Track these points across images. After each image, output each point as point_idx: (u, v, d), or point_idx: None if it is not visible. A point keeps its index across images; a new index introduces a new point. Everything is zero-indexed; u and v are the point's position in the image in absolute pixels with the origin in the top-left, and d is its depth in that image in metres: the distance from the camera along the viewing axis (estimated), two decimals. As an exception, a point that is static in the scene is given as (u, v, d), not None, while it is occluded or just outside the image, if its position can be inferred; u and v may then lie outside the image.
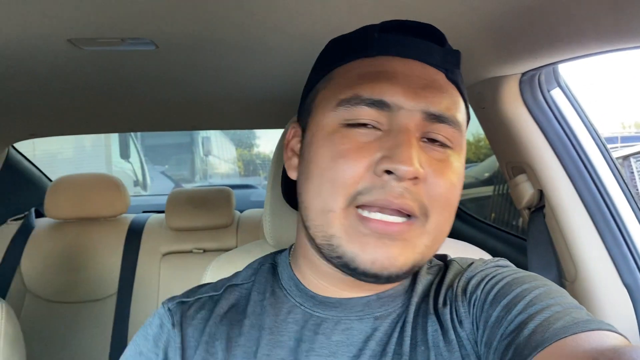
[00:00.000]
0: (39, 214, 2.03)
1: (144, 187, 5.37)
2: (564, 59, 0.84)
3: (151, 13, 0.77)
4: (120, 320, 1.78)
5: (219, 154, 7.13)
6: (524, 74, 0.95)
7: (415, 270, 0.52)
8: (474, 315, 0.52)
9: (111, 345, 1.76)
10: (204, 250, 1.92)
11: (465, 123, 0.56)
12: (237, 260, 0.84)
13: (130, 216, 2.03)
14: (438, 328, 0.53)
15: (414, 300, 0.55)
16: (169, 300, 0.61)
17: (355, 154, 0.49)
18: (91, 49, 0.92)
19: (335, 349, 0.53)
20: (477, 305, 0.52)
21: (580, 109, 1.01)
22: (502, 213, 1.89)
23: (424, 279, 0.58)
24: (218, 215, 1.95)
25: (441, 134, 0.52)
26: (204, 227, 1.95)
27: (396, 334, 0.53)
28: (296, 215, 0.60)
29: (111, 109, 1.54)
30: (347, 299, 0.55)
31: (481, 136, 2.41)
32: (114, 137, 4.96)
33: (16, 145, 2.07)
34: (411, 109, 0.50)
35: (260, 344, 0.54)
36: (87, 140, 5.12)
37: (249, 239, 1.87)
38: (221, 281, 0.64)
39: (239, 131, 7.12)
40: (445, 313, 0.53)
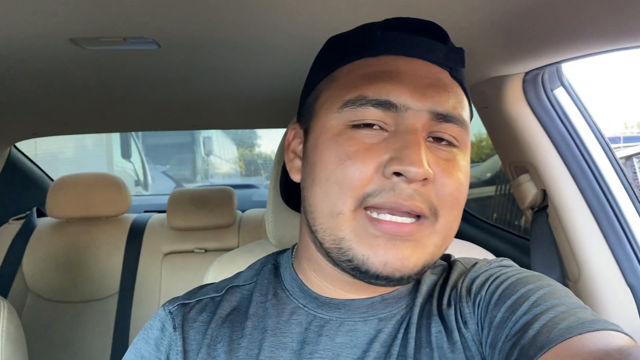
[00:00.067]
0: (41, 214, 2.04)
1: (146, 187, 5.38)
2: (567, 58, 0.84)
3: (153, 13, 0.77)
4: (122, 320, 1.78)
5: (220, 154, 7.13)
6: (527, 74, 0.95)
7: (426, 270, 0.51)
8: (478, 315, 0.51)
9: (112, 345, 1.76)
10: (206, 250, 1.92)
11: (469, 121, 0.55)
12: (239, 260, 0.84)
13: (132, 216, 2.03)
14: (442, 329, 0.52)
15: (418, 301, 0.55)
16: (170, 303, 0.61)
17: (363, 155, 0.49)
18: (93, 48, 0.92)
19: (339, 350, 0.52)
20: (482, 305, 0.51)
21: (584, 108, 1.01)
22: (504, 213, 1.88)
23: (428, 279, 0.58)
24: (220, 215, 1.95)
25: (448, 133, 0.51)
26: (206, 227, 1.94)
27: (400, 336, 0.52)
28: (298, 215, 0.60)
29: (113, 108, 1.54)
30: (351, 300, 0.55)
31: (483, 136, 2.40)
32: (116, 137, 4.96)
33: (18, 144, 2.07)
34: (418, 109, 0.50)
35: (263, 346, 0.53)
36: (89, 140, 5.12)
37: (250, 239, 1.87)
38: (223, 282, 0.63)
39: (240, 131, 7.12)
40: (450, 314, 0.53)
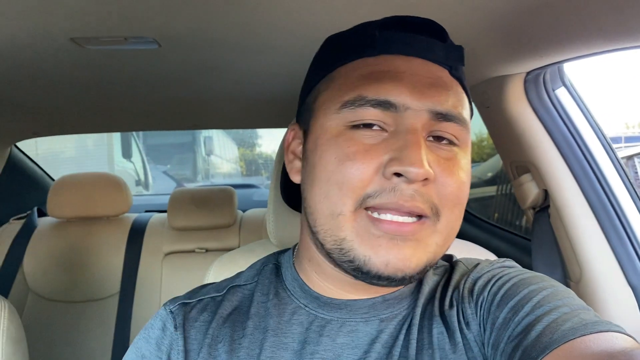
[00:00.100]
0: (42, 213, 2.04)
1: (146, 187, 5.38)
2: (569, 58, 0.83)
3: (154, 12, 0.77)
4: (123, 320, 1.78)
5: (221, 154, 7.14)
6: (528, 73, 0.95)
7: (428, 270, 0.51)
8: (481, 316, 0.51)
9: (113, 345, 1.76)
10: (207, 250, 1.92)
11: (469, 119, 0.55)
12: (240, 259, 0.84)
13: (133, 216, 2.03)
14: (444, 330, 0.52)
15: (420, 302, 0.55)
16: (171, 302, 0.60)
17: (363, 156, 0.48)
18: (94, 47, 0.92)
19: (340, 351, 0.52)
20: (484, 306, 0.51)
21: (586, 108, 1.01)
22: (506, 213, 1.88)
23: (430, 280, 0.58)
24: (220, 214, 1.95)
25: (448, 131, 0.51)
26: (206, 227, 1.94)
27: (402, 337, 0.52)
28: (299, 215, 0.60)
29: (113, 108, 1.54)
30: (353, 300, 0.55)
31: (484, 136, 2.40)
32: (116, 137, 4.96)
33: (19, 144, 2.07)
34: (418, 109, 0.49)
35: (264, 346, 0.53)
36: (89, 140, 5.13)
37: (251, 239, 1.87)
38: (224, 282, 0.63)
39: (241, 130, 7.13)
40: (452, 315, 0.53)
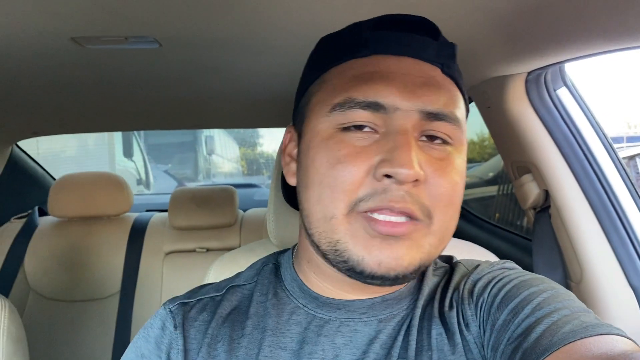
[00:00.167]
0: (43, 213, 2.04)
1: (147, 186, 5.39)
2: (570, 58, 0.83)
3: (155, 12, 0.77)
4: (123, 319, 1.78)
5: (222, 153, 7.14)
6: (530, 73, 0.95)
7: (423, 270, 0.51)
8: (480, 318, 0.51)
9: (114, 344, 1.76)
10: (207, 250, 1.92)
11: (464, 118, 0.55)
12: (241, 259, 0.84)
13: (133, 215, 2.03)
14: (443, 331, 0.52)
15: (420, 303, 0.55)
16: (170, 302, 0.60)
17: (353, 159, 0.48)
18: (95, 47, 0.92)
19: (338, 351, 0.52)
20: (484, 308, 0.51)
21: (587, 108, 1.01)
22: (507, 213, 1.88)
23: (429, 281, 0.58)
24: (221, 214, 1.95)
25: (440, 131, 0.50)
26: (207, 226, 1.94)
27: (401, 338, 0.52)
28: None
29: (114, 107, 1.54)
30: (351, 300, 0.55)
31: (486, 135, 2.39)
32: (118, 136, 4.97)
33: (20, 143, 2.07)
34: (408, 109, 0.49)
35: (263, 345, 0.53)
36: (91, 139, 5.13)
37: (252, 239, 1.87)
38: (223, 282, 0.63)
39: (242, 130, 7.13)
40: (452, 316, 0.53)
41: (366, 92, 0.49)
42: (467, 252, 0.85)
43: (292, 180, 0.58)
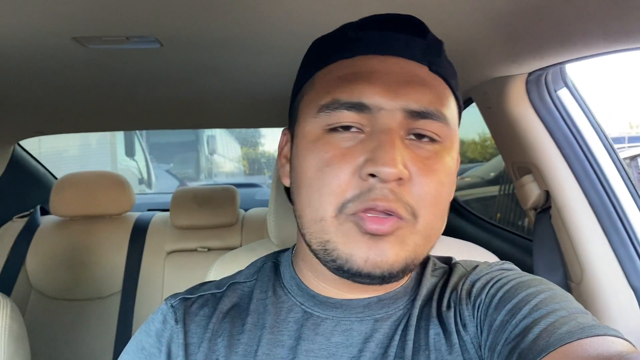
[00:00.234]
0: (44, 212, 2.04)
1: (149, 185, 5.40)
2: (571, 58, 0.83)
3: (156, 11, 0.77)
4: (124, 318, 1.78)
5: (224, 153, 7.15)
6: (530, 74, 0.95)
7: (410, 268, 0.51)
8: (478, 318, 0.51)
9: (115, 343, 1.76)
10: (209, 249, 1.92)
11: (455, 116, 0.54)
12: (242, 259, 0.84)
13: (135, 214, 2.04)
14: (440, 331, 0.52)
15: (417, 303, 0.55)
16: (172, 297, 0.61)
17: (339, 161, 0.49)
18: (96, 47, 0.92)
19: (334, 350, 0.52)
20: (482, 308, 0.51)
21: (588, 109, 1.01)
22: (508, 213, 1.88)
23: (427, 281, 0.58)
24: (223, 213, 1.95)
25: (427, 129, 0.50)
26: (209, 226, 1.95)
27: (398, 337, 0.52)
28: None
29: (116, 107, 1.54)
30: (348, 299, 0.55)
31: (487, 136, 2.39)
32: (119, 135, 4.98)
33: (22, 142, 2.08)
34: (391, 108, 0.49)
35: (261, 342, 0.54)
36: (93, 138, 5.14)
37: (253, 238, 1.88)
38: (224, 279, 0.64)
39: (244, 130, 7.13)
40: (449, 316, 0.53)
41: (350, 93, 0.50)
42: (467, 253, 0.85)
43: (287, 182, 0.59)
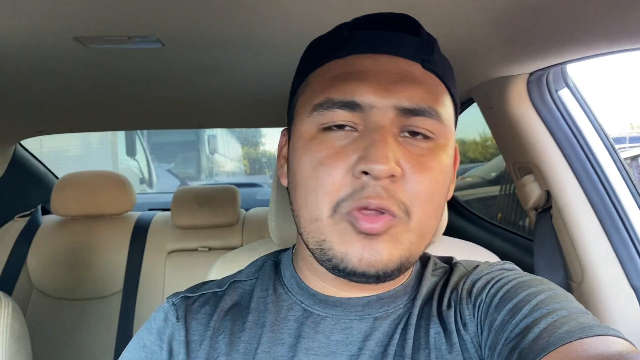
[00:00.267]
0: (46, 211, 2.05)
1: (150, 185, 5.41)
2: (572, 59, 0.83)
3: (157, 11, 0.77)
4: (126, 318, 1.79)
5: (225, 152, 7.16)
6: (531, 74, 0.95)
7: (406, 267, 0.51)
8: (478, 318, 0.51)
9: (116, 342, 1.77)
10: (210, 249, 1.92)
11: (450, 112, 0.54)
12: (243, 258, 0.84)
13: (136, 214, 2.04)
14: (441, 330, 0.52)
15: (418, 302, 0.55)
16: (174, 296, 0.62)
17: (333, 160, 0.49)
18: (97, 46, 0.92)
19: (334, 348, 0.53)
20: (482, 308, 0.51)
21: (589, 109, 1.01)
22: (509, 213, 1.88)
23: (428, 281, 0.58)
24: (223, 213, 1.95)
25: (420, 126, 0.50)
26: (210, 226, 1.95)
27: (397, 335, 0.52)
28: None
29: (117, 106, 1.54)
30: (348, 298, 0.55)
31: (488, 136, 2.39)
32: (121, 135, 4.99)
33: (23, 142, 2.08)
34: (383, 106, 0.49)
35: (262, 340, 0.54)
36: (94, 138, 5.15)
37: (254, 238, 1.88)
38: (225, 278, 0.64)
39: (245, 129, 7.14)
40: (449, 315, 0.53)
41: (343, 92, 0.50)
42: (468, 252, 0.85)
43: (285, 181, 0.59)
